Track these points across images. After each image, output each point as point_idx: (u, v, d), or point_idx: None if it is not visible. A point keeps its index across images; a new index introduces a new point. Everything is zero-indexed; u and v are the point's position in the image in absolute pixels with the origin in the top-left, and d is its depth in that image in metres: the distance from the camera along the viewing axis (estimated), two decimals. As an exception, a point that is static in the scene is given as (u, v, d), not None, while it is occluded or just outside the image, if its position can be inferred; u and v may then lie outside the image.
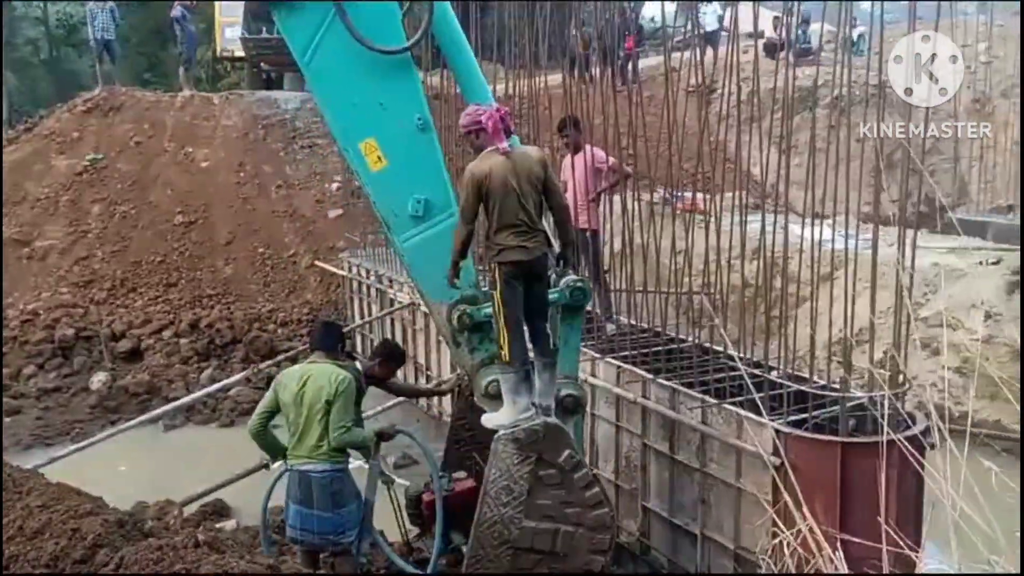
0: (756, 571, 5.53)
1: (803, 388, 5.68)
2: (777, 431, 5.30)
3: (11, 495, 4.06)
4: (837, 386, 5.66)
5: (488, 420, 5.38)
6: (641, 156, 7.33)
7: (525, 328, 5.17)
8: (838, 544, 2.12)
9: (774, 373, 6.09)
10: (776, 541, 2.25)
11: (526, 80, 8.21)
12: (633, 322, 7.52)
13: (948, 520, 1.90)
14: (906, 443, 2.61)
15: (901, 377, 5.53)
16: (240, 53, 20.63)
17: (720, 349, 6.60)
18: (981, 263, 10.00)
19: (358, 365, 6.36)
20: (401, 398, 8.71)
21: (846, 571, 2.04)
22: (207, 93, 19.38)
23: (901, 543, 2.43)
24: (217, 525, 7.64)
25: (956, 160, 14.99)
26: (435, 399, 9.80)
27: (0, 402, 11.28)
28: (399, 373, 7.83)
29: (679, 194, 7.51)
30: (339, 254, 14.20)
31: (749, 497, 5.69)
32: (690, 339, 6.86)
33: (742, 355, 6.39)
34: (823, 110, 11.29)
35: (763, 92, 7.18)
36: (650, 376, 6.56)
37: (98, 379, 12.26)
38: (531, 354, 5.26)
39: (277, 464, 6.07)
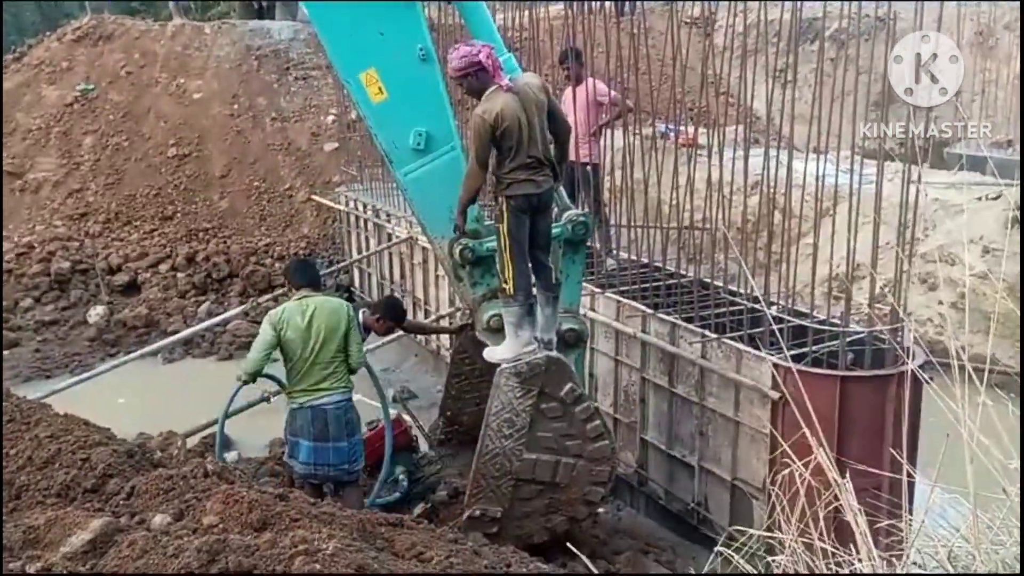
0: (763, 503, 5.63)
1: (802, 323, 5.72)
2: (776, 365, 5.35)
3: (19, 426, 4.10)
4: (837, 321, 5.70)
5: (490, 354, 5.41)
6: (637, 88, 7.24)
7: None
8: (847, 474, 2.15)
9: (773, 308, 6.12)
10: (785, 473, 2.28)
11: (525, 11, 8.06)
12: (633, 257, 7.52)
13: (959, 451, 1.93)
14: (920, 376, 2.63)
15: (900, 312, 5.57)
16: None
17: (720, 284, 6.63)
18: (981, 198, 9.97)
19: (361, 315, 6.43)
20: (399, 333, 8.74)
21: (854, 502, 2.07)
22: (198, 22, 19.00)
23: (899, 473, 2.47)
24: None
25: (957, 94, 14.86)
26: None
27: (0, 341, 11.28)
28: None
29: (676, 128, 7.44)
30: (336, 188, 14.12)
31: (747, 430, 5.77)
32: (690, 274, 6.87)
33: (742, 290, 6.42)
34: (826, 42, 11.13)
35: (764, 24, 7.08)
36: (650, 311, 6.59)
37: (96, 312, 12.28)
38: (534, 288, 5.27)
39: (276, 396, 6.16)
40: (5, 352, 11.33)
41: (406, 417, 6.77)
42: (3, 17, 29.30)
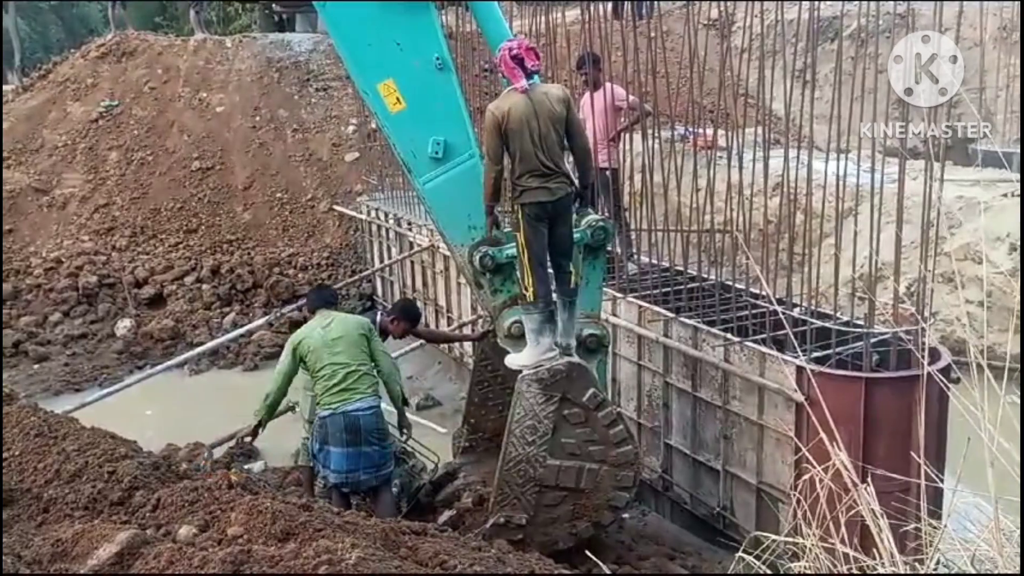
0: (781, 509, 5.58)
1: (826, 324, 5.67)
2: (800, 368, 5.30)
3: (47, 440, 4.16)
4: (860, 322, 5.65)
5: (511, 361, 5.42)
6: (656, 92, 7.21)
7: (549, 268, 5.18)
8: (869, 479, 2.13)
9: (796, 310, 6.07)
10: (806, 477, 2.27)
11: (541, 16, 8.07)
12: (654, 261, 7.50)
13: (984, 454, 1.91)
14: (937, 378, 2.60)
15: (925, 312, 5.51)
16: (251, -6, 20.42)
17: (742, 287, 6.58)
18: (1006, 195, 9.86)
19: (378, 317, 6.48)
20: (420, 341, 8.76)
21: (876, 507, 2.05)
22: (219, 36, 19.19)
23: (926, 478, 2.44)
24: (245, 467, 7.78)
25: (982, 90, 14.69)
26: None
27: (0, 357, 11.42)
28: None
29: (696, 131, 7.42)
30: (357, 197, 14.20)
31: (771, 434, 5.72)
32: (711, 277, 6.84)
33: (765, 292, 6.38)
34: (845, 41, 11.05)
35: (782, 24, 7.04)
36: (672, 315, 6.56)
37: (123, 325, 12.43)
38: (554, 294, 5.27)
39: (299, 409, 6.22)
40: (35, 367, 11.50)
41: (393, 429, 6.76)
42: (30, 35, 29.81)
